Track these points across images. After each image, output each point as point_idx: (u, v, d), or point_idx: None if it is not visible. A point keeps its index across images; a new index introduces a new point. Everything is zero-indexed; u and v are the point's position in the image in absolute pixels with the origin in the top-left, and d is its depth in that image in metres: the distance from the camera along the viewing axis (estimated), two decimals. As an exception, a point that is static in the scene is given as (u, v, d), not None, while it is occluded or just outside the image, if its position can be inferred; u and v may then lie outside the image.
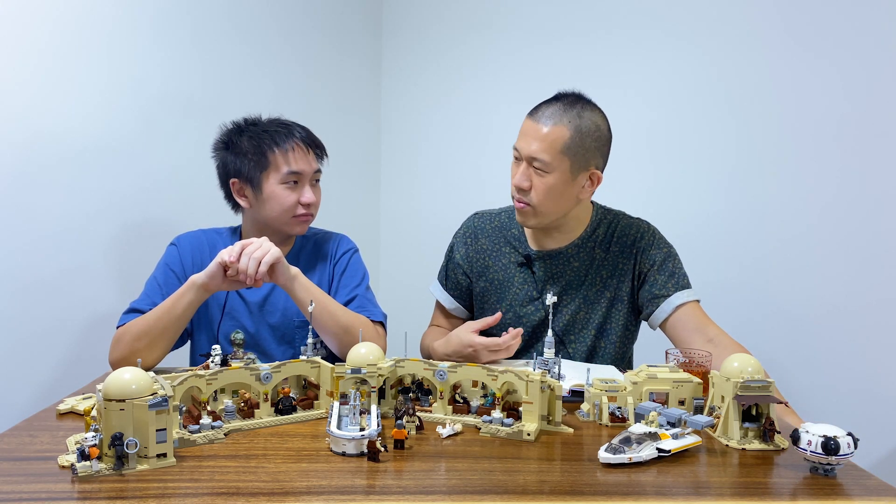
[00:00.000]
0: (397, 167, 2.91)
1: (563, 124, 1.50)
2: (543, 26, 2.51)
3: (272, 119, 1.67)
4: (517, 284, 1.68)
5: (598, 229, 1.66)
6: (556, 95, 1.57)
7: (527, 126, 1.54)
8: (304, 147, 1.62)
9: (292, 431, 1.16)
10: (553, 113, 1.51)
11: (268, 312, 1.65)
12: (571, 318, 1.65)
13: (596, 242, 1.65)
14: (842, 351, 1.96)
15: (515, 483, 0.96)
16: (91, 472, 0.95)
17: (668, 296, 1.59)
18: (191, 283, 1.45)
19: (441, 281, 1.81)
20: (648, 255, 1.62)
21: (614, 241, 1.65)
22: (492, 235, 1.74)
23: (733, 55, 2.15)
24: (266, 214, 1.62)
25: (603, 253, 1.65)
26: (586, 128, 1.51)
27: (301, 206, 1.61)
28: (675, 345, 1.58)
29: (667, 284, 1.60)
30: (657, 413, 1.13)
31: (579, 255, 1.65)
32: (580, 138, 1.50)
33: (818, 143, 2.00)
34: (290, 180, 1.59)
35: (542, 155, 1.50)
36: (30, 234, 1.86)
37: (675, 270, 1.62)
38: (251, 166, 1.59)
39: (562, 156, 1.50)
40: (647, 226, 1.68)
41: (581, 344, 1.65)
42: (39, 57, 1.85)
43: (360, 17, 2.79)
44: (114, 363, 1.47)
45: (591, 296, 1.64)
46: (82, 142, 1.94)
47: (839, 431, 0.98)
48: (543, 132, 1.50)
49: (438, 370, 1.22)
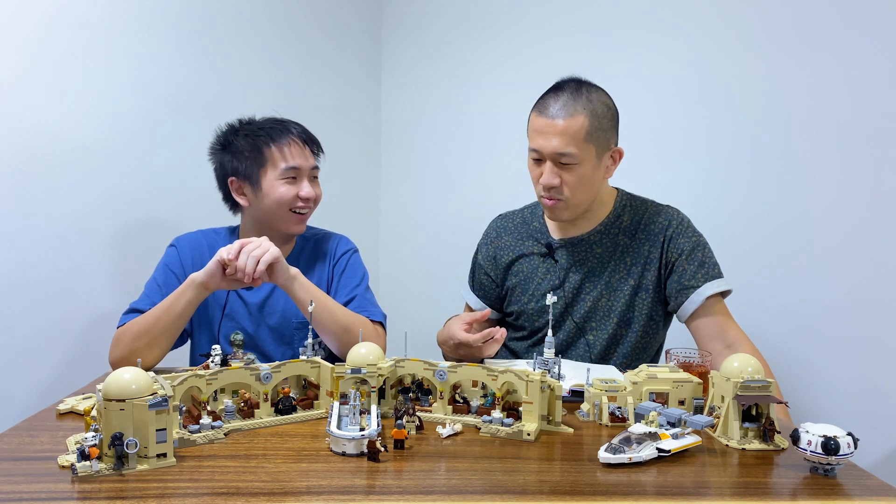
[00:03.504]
0: (397, 167, 2.91)
1: (579, 113, 1.48)
2: (544, 25, 2.51)
3: (267, 118, 1.67)
4: (540, 275, 1.68)
5: (622, 216, 1.65)
6: (558, 85, 1.55)
7: (540, 124, 1.51)
8: (300, 143, 1.63)
9: (292, 431, 1.16)
10: (565, 104, 1.49)
11: (267, 314, 1.65)
12: (593, 304, 1.63)
13: (620, 229, 1.64)
14: (842, 351, 1.96)
15: (515, 483, 0.96)
16: (91, 472, 0.95)
17: (698, 286, 1.55)
18: (190, 282, 1.45)
19: (469, 283, 1.85)
20: (677, 244, 1.59)
21: (641, 229, 1.63)
22: (514, 233, 1.74)
23: (735, 53, 2.14)
24: (265, 211, 1.62)
25: (628, 240, 1.63)
26: (600, 110, 1.51)
27: (300, 200, 1.61)
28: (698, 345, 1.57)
29: (696, 275, 1.57)
30: (657, 413, 1.13)
31: (602, 241, 1.64)
32: (598, 122, 1.50)
33: (820, 140, 2.00)
34: (288, 175, 1.60)
35: (567, 149, 1.48)
36: (30, 233, 1.86)
37: (704, 260, 1.58)
38: (249, 164, 1.60)
39: (586, 144, 1.49)
40: (677, 213, 1.65)
41: (602, 332, 1.62)
42: (39, 57, 1.85)
43: (360, 17, 2.79)
44: (114, 363, 1.47)
45: (614, 283, 1.62)
46: (82, 141, 1.94)
47: (839, 431, 0.98)
48: (561, 126, 1.48)
49: (438, 370, 1.22)
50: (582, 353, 1.63)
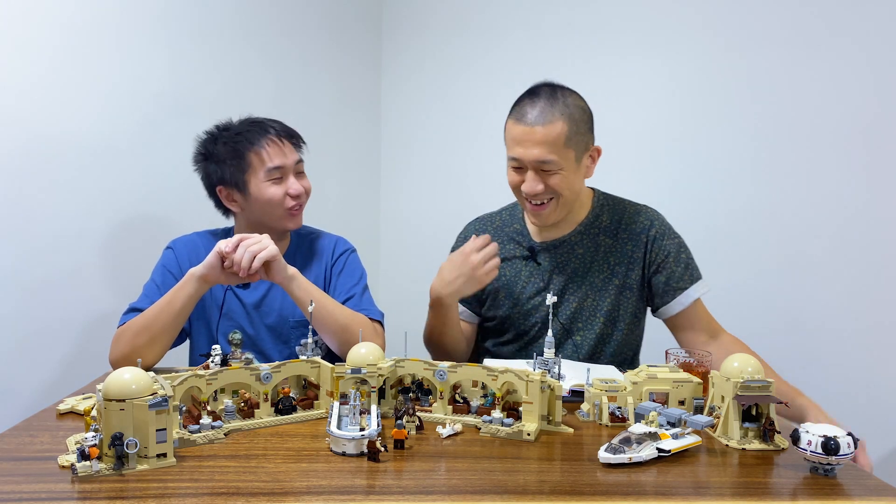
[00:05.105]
0: (397, 167, 2.91)
1: (557, 119, 1.48)
2: (544, 25, 2.51)
3: (243, 120, 1.66)
4: (524, 278, 1.67)
5: (601, 216, 1.66)
6: (532, 91, 1.54)
7: (518, 132, 1.50)
8: (279, 141, 1.61)
9: (292, 431, 1.16)
10: (542, 111, 1.48)
11: (264, 313, 1.65)
12: (578, 305, 1.63)
13: (600, 229, 1.65)
14: (842, 351, 1.96)
15: (515, 483, 0.96)
16: (91, 472, 0.95)
17: (685, 288, 1.60)
18: (189, 276, 1.45)
19: None
20: (661, 245, 1.62)
21: (622, 228, 1.64)
22: (494, 236, 1.73)
23: (735, 52, 2.14)
24: (258, 214, 1.62)
25: (610, 240, 1.64)
26: (577, 114, 1.51)
27: (290, 198, 1.61)
28: (677, 339, 1.62)
29: (683, 277, 1.61)
30: (657, 413, 1.13)
31: (583, 241, 1.65)
32: (576, 126, 1.50)
33: (822, 144, 2.00)
34: (273, 176, 1.59)
35: (548, 156, 1.48)
36: (30, 233, 1.86)
37: (688, 262, 1.63)
38: (232, 171, 1.60)
39: (566, 149, 1.49)
40: (656, 213, 1.67)
41: (590, 332, 1.63)
42: (39, 57, 1.85)
43: (360, 17, 2.79)
44: (114, 362, 1.47)
45: (599, 283, 1.63)
46: (82, 141, 1.94)
47: (839, 431, 0.98)
48: (541, 134, 1.48)
49: (438, 370, 1.22)
50: (570, 354, 1.63)
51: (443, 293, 1.56)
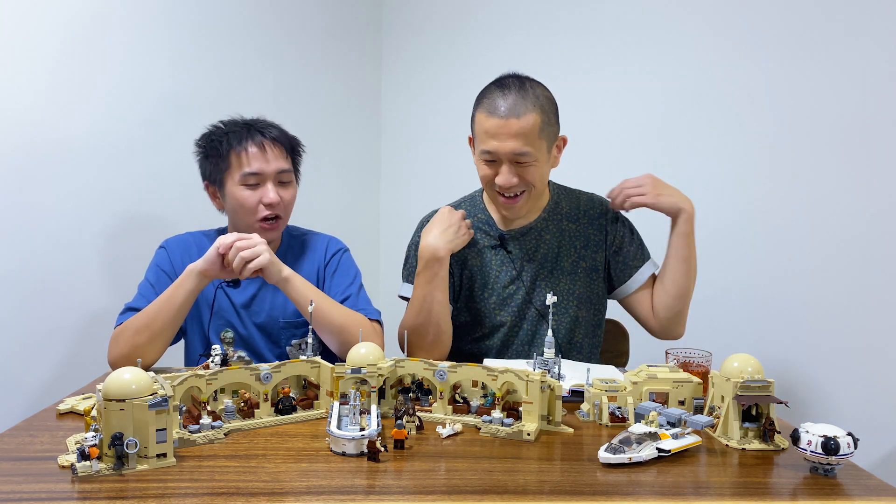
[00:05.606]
0: (397, 167, 2.91)
1: (530, 111, 1.48)
2: (544, 25, 2.51)
3: (244, 119, 1.64)
4: (496, 267, 1.67)
5: (560, 202, 1.70)
6: (501, 83, 1.53)
7: (491, 125, 1.49)
8: (264, 146, 1.57)
9: (292, 431, 1.16)
10: (514, 103, 1.48)
11: (254, 312, 1.65)
12: (552, 290, 1.62)
13: (562, 215, 1.68)
14: (842, 351, 1.96)
15: (515, 483, 0.96)
16: (91, 472, 0.95)
17: (639, 266, 1.68)
18: (189, 271, 1.45)
19: (409, 280, 1.74)
20: (616, 228, 1.69)
21: (581, 213, 1.69)
22: None
23: (734, 53, 2.14)
24: (233, 217, 1.62)
25: (573, 225, 1.68)
26: (546, 105, 1.52)
27: (264, 206, 1.57)
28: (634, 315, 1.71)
29: (637, 255, 1.69)
30: (657, 413, 1.13)
31: (549, 227, 1.67)
32: (546, 117, 1.51)
33: (821, 143, 2.00)
34: (248, 182, 1.56)
35: (524, 148, 1.48)
36: (30, 233, 1.86)
37: (640, 241, 1.71)
38: (214, 168, 1.59)
39: (540, 140, 1.51)
40: (603, 199, 1.72)
41: (565, 316, 1.65)
42: (39, 58, 1.85)
43: (360, 17, 2.79)
44: (113, 361, 1.46)
45: (569, 267, 1.67)
46: (81, 141, 1.94)
47: (839, 431, 0.98)
48: (516, 127, 1.47)
49: (438, 370, 1.22)
50: None
51: (438, 244, 1.55)
